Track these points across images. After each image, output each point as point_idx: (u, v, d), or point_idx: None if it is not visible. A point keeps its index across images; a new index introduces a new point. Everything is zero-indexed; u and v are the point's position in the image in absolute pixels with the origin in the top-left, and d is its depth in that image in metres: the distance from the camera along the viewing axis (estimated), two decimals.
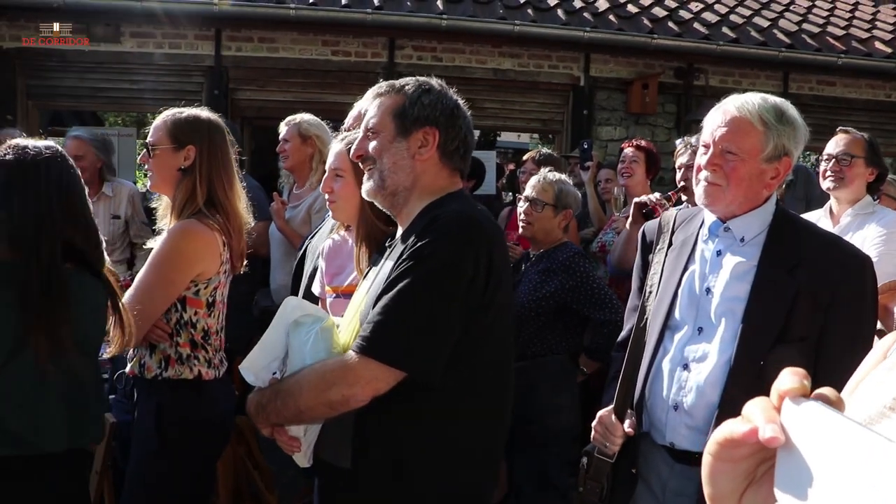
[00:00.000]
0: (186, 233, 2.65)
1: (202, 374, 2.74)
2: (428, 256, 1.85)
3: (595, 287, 3.68)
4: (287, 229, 4.40)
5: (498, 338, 2.01)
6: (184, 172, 2.73)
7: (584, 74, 7.88)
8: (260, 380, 2.06)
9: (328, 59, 7.48)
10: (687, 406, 2.09)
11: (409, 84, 2.09)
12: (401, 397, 1.87)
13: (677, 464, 2.14)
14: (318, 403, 1.90)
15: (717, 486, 0.69)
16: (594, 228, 5.35)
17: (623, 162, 4.94)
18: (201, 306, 2.74)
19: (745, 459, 0.67)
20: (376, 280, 2.01)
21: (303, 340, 1.99)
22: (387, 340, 1.84)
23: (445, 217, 1.90)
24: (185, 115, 2.80)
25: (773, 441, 0.61)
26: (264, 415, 2.01)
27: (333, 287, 2.66)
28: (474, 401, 1.99)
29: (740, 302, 2.06)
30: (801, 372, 0.65)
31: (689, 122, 7.72)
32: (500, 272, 1.95)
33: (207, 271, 2.71)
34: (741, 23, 8.20)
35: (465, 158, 2.12)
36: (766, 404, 0.65)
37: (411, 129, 2.03)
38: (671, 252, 2.30)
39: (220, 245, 2.72)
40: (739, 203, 2.12)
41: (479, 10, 7.45)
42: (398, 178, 2.04)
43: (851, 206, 3.70)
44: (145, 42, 7.23)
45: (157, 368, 2.69)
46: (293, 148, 4.50)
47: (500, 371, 2.05)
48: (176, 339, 2.70)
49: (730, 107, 2.10)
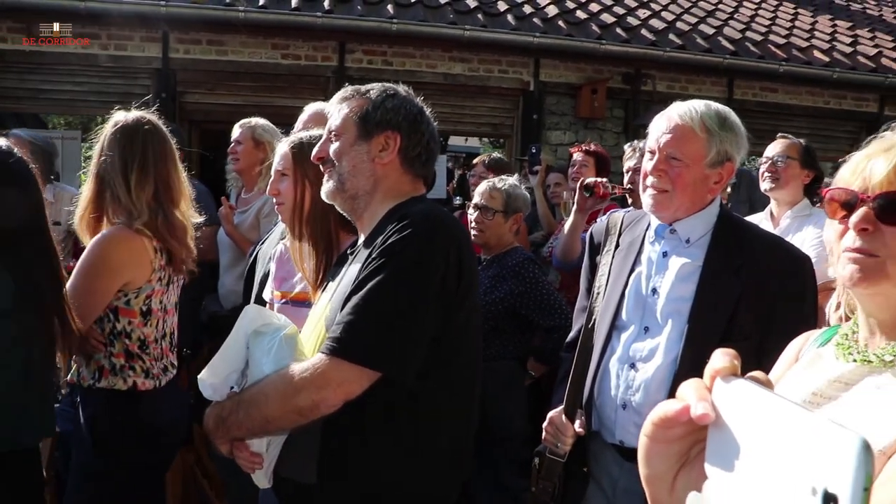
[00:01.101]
0: (111, 239, 2.59)
1: (137, 384, 2.67)
2: (398, 254, 1.82)
3: (544, 293, 3.71)
4: (235, 234, 4.34)
5: (471, 338, 1.99)
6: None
7: (533, 79, 7.95)
8: (218, 394, 1.96)
9: (278, 63, 7.42)
10: (635, 404, 2.13)
11: (375, 89, 2.08)
12: (372, 402, 1.81)
13: (626, 462, 2.17)
14: (287, 411, 1.80)
15: (652, 467, 0.71)
16: (543, 232, 5.38)
17: (573, 167, 4.98)
18: (135, 315, 2.68)
19: (678, 440, 0.69)
20: (341, 284, 1.97)
21: (265, 349, 1.90)
22: (358, 340, 1.77)
23: (413, 215, 1.88)
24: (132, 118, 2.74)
25: (703, 418, 0.63)
26: (224, 428, 1.90)
27: (283, 292, 2.63)
28: (448, 404, 1.95)
29: (686, 302, 2.11)
30: (732, 353, 0.67)
31: (637, 126, 7.84)
32: (470, 271, 1.93)
33: (136, 279, 2.65)
34: (687, 30, 8.36)
35: (427, 165, 2.11)
36: (698, 384, 0.67)
37: (373, 133, 2.01)
38: (618, 253, 2.34)
39: (150, 251, 2.65)
40: (686, 208, 2.17)
41: (429, 14, 7.47)
42: (357, 182, 2.02)
43: (790, 209, 3.83)
44: (90, 43, 7.07)
45: (91, 379, 2.64)
46: (245, 150, 4.45)
47: (472, 372, 2.02)
48: (109, 349, 2.64)
49: (673, 114, 2.15)
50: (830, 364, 1.19)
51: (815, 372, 1.21)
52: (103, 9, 6.69)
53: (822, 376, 1.18)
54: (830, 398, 1.13)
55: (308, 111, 3.29)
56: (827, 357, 1.22)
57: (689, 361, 2.04)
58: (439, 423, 1.94)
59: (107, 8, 6.69)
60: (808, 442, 0.54)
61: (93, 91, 7.29)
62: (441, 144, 14.67)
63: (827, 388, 1.15)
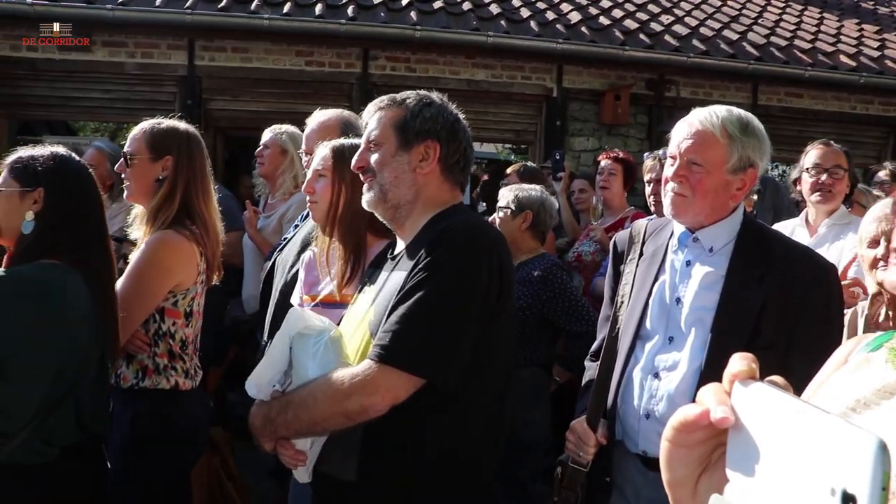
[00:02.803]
0: (164, 243, 2.65)
1: (179, 384, 2.73)
2: (443, 265, 1.86)
3: (571, 299, 3.70)
4: (258, 238, 4.40)
5: (505, 344, 2.02)
6: (160, 183, 2.73)
7: (556, 86, 7.94)
8: (262, 393, 2.03)
9: (302, 70, 7.47)
10: (658, 414, 2.11)
11: (410, 97, 2.09)
12: (411, 405, 1.86)
13: (650, 472, 2.16)
14: (335, 413, 1.87)
15: (674, 472, 0.72)
16: (568, 239, 5.38)
17: (601, 174, 4.98)
18: (179, 316, 2.73)
19: (700, 445, 0.69)
20: (383, 291, 2.01)
21: (310, 352, 1.95)
22: (406, 348, 1.83)
23: (456, 227, 1.92)
24: (164, 125, 2.80)
25: (723, 421, 0.63)
26: (272, 428, 1.97)
27: (311, 296, 2.67)
28: (482, 407, 1.99)
29: (709, 311, 2.09)
30: (750, 356, 0.68)
31: (661, 132, 7.80)
32: (508, 278, 1.97)
33: (185, 282, 2.71)
34: (711, 35, 8.31)
35: (465, 172, 2.13)
36: (717, 388, 0.67)
37: (413, 143, 2.03)
38: (642, 262, 2.33)
39: (197, 255, 2.72)
40: (706, 214, 2.15)
41: (452, 21, 7.48)
42: (400, 192, 2.05)
43: (828, 217, 3.69)
44: (117, 51, 7.17)
45: (134, 378, 2.68)
46: (271, 155, 4.51)
47: (504, 377, 2.05)
48: (154, 349, 2.69)
49: (694, 119, 2.14)
50: (879, 370, 1.18)
51: (861, 377, 1.20)
52: (130, 17, 6.78)
53: (868, 383, 1.17)
54: (873, 405, 1.12)
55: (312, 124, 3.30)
56: (876, 362, 1.21)
57: (712, 371, 2.02)
58: (474, 425, 1.97)
59: (134, 17, 6.78)
60: (827, 443, 0.55)
61: (120, 98, 7.40)
62: None
63: (872, 396, 1.14)
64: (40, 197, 2.28)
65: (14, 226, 2.28)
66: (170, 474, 2.78)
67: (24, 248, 2.26)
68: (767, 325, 2.04)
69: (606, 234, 4.71)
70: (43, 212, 2.27)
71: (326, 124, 3.17)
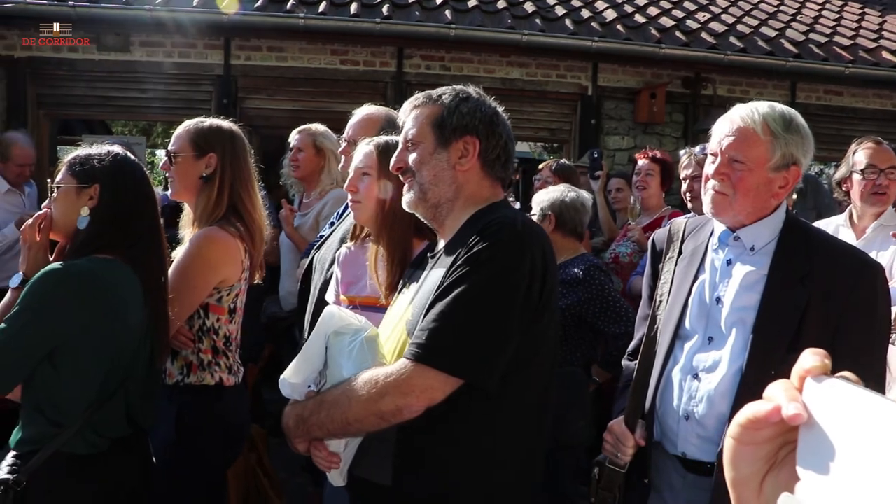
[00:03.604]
0: (210, 239, 2.67)
1: (223, 380, 2.75)
2: (485, 262, 1.80)
3: (610, 299, 3.67)
4: (295, 236, 4.44)
5: (548, 345, 1.96)
6: (205, 180, 2.75)
7: (591, 84, 7.90)
8: (296, 392, 1.98)
9: (337, 69, 7.51)
10: (698, 416, 2.09)
11: (446, 93, 2.05)
12: (448, 407, 1.80)
13: (689, 474, 2.13)
14: (369, 414, 1.80)
15: (738, 470, 0.69)
16: (604, 238, 5.34)
17: (638, 174, 4.94)
18: (223, 313, 2.75)
19: (767, 442, 0.67)
20: (422, 289, 1.97)
21: (345, 351, 1.91)
22: (443, 347, 1.76)
23: (498, 223, 1.86)
24: (207, 123, 2.83)
25: (796, 418, 0.61)
26: (305, 428, 1.92)
27: (350, 297, 2.64)
28: (523, 409, 1.93)
29: (751, 311, 2.06)
30: (822, 352, 0.66)
31: (697, 131, 7.72)
32: (552, 276, 1.91)
33: (230, 278, 2.73)
34: (748, 32, 8.21)
35: (506, 167, 2.07)
36: (787, 384, 0.65)
37: (451, 139, 1.99)
38: (681, 261, 2.29)
39: (241, 252, 2.73)
40: (748, 212, 2.11)
41: (487, 19, 7.47)
42: (440, 190, 2.00)
43: (876, 219, 3.54)
44: (154, 51, 7.27)
45: (179, 374, 2.70)
46: (306, 158, 4.54)
47: (547, 379, 1.99)
48: (198, 345, 2.71)
49: (736, 116, 2.10)
50: None
51: None
52: (168, 18, 6.86)
53: None
54: None
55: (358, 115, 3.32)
56: None
57: (753, 372, 1.99)
58: (514, 427, 1.92)
59: (171, 17, 6.86)
60: None
61: (158, 98, 7.47)
62: None
63: None
64: (96, 193, 2.32)
65: (70, 221, 2.33)
66: (212, 469, 2.81)
67: (78, 243, 2.30)
68: (811, 326, 1.99)
69: (644, 233, 4.67)
70: (98, 208, 2.31)
71: (370, 118, 3.17)
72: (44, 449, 2.14)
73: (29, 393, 2.21)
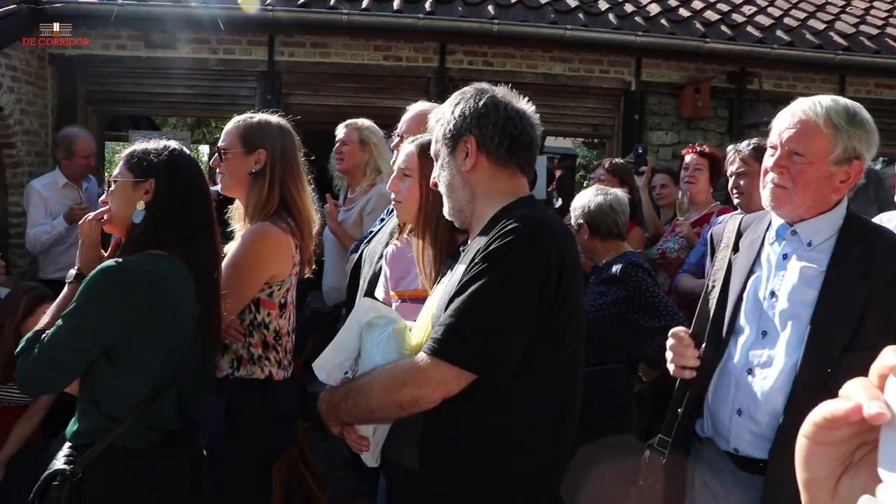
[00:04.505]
0: (262, 235, 2.69)
1: (273, 374, 2.77)
2: (499, 259, 1.85)
3: (648, 295, 3.61)
4: (339, 230, 4.47)
5: (569, 343, 1.99)
6: (255, 176, 2.77)
7: (635, 79, 7.81)
8: (332, 378, 2.11)
9: (380, 64, 7.52)
10: (751, 411, 2.07)
11: (447, 105, 2.13)
12: (470, 399, 1.88)
13: (741, 471, 2.11)
14: (389, 403, 1.92)
15: (811, 471, 0.67)
16: (648, 234, 5.29)
17: (686, 169, 4.88)
18: (274, 307, 2.78)
19: (843, 443, 0.65)
20: (449, 283, 2.03)
21: (375, 341, 2.02)
22: (457, 342, 1.85)
23: (515, 220, 1.90)
24: (257, 119, 2.85)
25: (879, 417, 0.59)
26: (335, 413, 2.06)
27: (398, 292, 2.67)
28: (544, 403, 1.98)
29: (806, 307, 2.03)
30: None
31: (742, 126, 7.60)
32: (571, 276, 1.93)
33: (281, 273, 2.75)
34: (796, 25, 8.04)
35: (513, 150, 2.05)
36: (866, 382, 0.63)
37: (455, 145, 2.07)
38: (737, 255, 2.26)
39: (292, 247, 2.75)
40: (807, 207, 2.08)
41: (530, 14, 7.43)
42: (457, 196, 2.10)
43: None
44: (200, 48, 7.34)
45: (229, 368, 2.73)
46: (350, 151, 4.55)
47: (569, 376, 2.03)
48: (249, 339, 2.73)
49: (798, 108, 2.07)
50: None
51: None
52: (213, 15, 6.93)
53: None
54: None
55: (412, 111, 3.33)
56: None
57: (809, 368, 1.97)
58: (534, 421, 1.97)
59: (216, 14, 6.92)
60: None
61: (203, 94, 7.58)
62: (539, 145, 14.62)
63: None
64: (151, 188, 2.34)
65: (126, 215, 2.36)
66: (260, 462, 2.84)
67: (133, 238, 2.33)
68: (870, 325, 1.95)
69: (692, 229, 4.62)
70: (153, 203, 2.33)
71: (422, 114, 3.16)
72: (98, 442, 2.18)
73: (85, 386, 2.25)
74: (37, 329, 2.25)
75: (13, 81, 6.42)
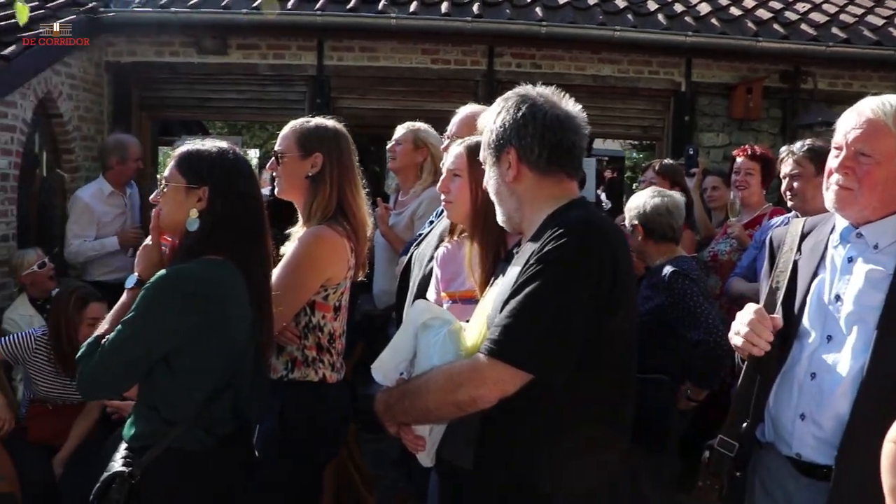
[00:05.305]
0: (319, 238, 2.71)
1: (326, 377, 2.80)
2: (554, 260, 1.86)
3: (691, 305, 3.51)
4: (390, 234, 4.47)
5: (622, 343, 1.99)
6: (311, 180, 2.80)
7: (685, 80, 7.71)
8: (388, 380, 2.14)
9: (428, 68, 7.55)
10: (815, 416, 2.03)
11: (491, 112, 2.14)
12: (526, 400, 1.89)
13: (803, 477, 2.07)
14: (446, 403, 1.95)
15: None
16: (700, 237, 5.22)
17: (737, 173, 4.80)
18: (329, 310, 2.80)
19: None
20: (503, 285, 2.03)
21: (431, 342, 2.04)
22: (514, 343, 1.86)
23: (569, 222, 1.92)
24: (313, 123, 2.87)
25: None
26: (391, 414, 2.09)
27: (449, 293, 2.69)
28: (598, 404, 1.98)
29: (873, 311, 1.98)
30: None
31: (796, 127, 7.45)
32: (624, 276, 1.94)
33: (336, 276, 2.77)
34: (852, 22, 7.84)
35: (553, 159, 2.04)
36: None
37: (498, 156, 2.08)
38: (800, 258, 2.22)
39: (347, 250, 2.77)
40: (874, 208, 2.03)
41: (578, 16, 7.39)
42: (506, 205, 2.13)
43: None
44: (250, 53, 7.46)
45: (283, 370, 2.76)
46: (404, 150, 4.57)
47: (622, 376, 2.03)
48: (303, 341, 2.76)
49: (865, 108, 2.03)
50: None
51: None
52: (263, 21, 7.02)
53: None
54: None
55: (461, 113, 3.33)
56: None
57: (876, 373, 1.92)
58: (589, 422, 1.96)
59: (266, 20, 7.01)
60: None
61: (253, 98, 7.69)
62: (587, 148, 14.52)
63: None
64: (205, 196, 2.33)
65: (178, 220, 2.35)
66: (312, 463, 2.86)
67: (188, 245, 2.33)
68: None
69: (745, 231, 4.54)
70: (208, 211, 2.32)
71: (472, 116, 3.16)
72: (156, 445, 2.22)
73: (144, 391, 2.30)
74: (97, 334, 2.29)
75: (72, 89, 6.61)
